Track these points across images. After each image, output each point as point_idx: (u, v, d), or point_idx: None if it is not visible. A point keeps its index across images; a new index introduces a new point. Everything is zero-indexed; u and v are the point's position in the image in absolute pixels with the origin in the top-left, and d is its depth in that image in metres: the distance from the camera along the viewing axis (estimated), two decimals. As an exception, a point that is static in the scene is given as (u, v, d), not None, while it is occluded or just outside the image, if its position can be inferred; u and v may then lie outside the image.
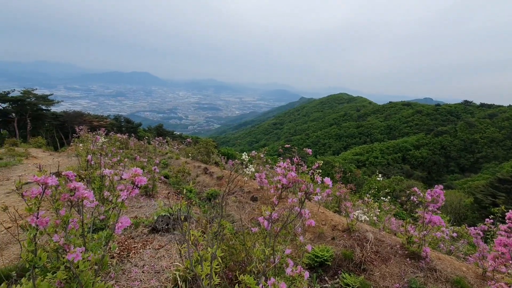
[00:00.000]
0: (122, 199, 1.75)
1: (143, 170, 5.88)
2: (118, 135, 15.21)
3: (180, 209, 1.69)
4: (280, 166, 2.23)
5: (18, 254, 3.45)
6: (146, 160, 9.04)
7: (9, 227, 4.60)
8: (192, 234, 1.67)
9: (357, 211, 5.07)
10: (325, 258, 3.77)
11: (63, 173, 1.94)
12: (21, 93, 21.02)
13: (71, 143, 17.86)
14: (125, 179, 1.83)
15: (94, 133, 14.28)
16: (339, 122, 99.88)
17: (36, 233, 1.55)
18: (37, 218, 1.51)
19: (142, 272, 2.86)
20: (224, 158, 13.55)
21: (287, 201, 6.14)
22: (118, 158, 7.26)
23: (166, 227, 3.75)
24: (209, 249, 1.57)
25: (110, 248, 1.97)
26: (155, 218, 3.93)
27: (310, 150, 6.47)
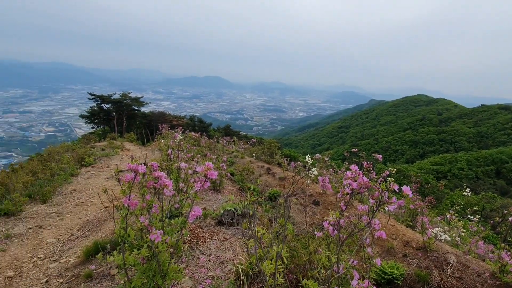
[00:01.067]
0: (196, 190, 1.88)
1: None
2: (192, 133, 16.62)
3: (248, 205, 1.72)
4: (350, 169, 2.08)
5: (112, 230, 4.05)
6: (216, 157, 9.64)
7: (107, 207, 5.46)
8: (258, 231, 1.68)
9: (436, 229, 4.42)
10: (394, 275, 3.38)
11: (148, 164, 2.19)
12: (120, 96, 24.89)
13: (155, 139, 20.36)
14: (199, 172, 1.96)
15: (173, 131, 16.01)
16: (415, 126, 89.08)
17: (127, 213, 1.79)
18: (129, 200, 1.74)
19: (209, 260, 3.03)
20: (286, 159, 13.51)
21: (353, 208, 5.75)
22: (192, 154, 7.94)
23: (231, 221, 3.92)
24: (274, 247, 1.56)
25: (182, 234, 2.15)
26: (221, 211, 4.13)
27: (380, 156, 5.91)
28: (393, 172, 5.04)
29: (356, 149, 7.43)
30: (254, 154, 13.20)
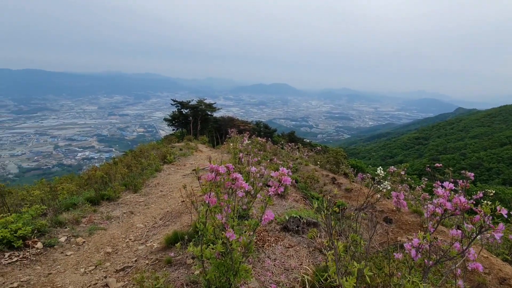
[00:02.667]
0: (270, 194, 1.90)
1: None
2: (259, 138, 17.09)
3: (325, 214, 1.66)
4: (442, 187, 1.81)
5: (188, 222, 4.43)
6: (282, 163, 9.68)
7: (183, 201, 6.02)
8: (332, 242, 1.60)
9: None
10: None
11: (225, 165, 2.32)
12: (196, 102, 27.43)
13: (224, 142, 21.67)
14: (273, 177, 1.98)
15: (241, 135, 16.81)
16: (518, 141, 72.87)
17: (207, 209, 1.93)
18: (209, 197, 1.87)
19: (274, 265, 3.03)
20: (353, 170, 12.70)
21: (438, 232, 5.01)
22: (259, 158, 8.14)
23: (296, 228, 3.85)
24: (355, 263, 1.46)
25: (253, 236, 2.20)
26: (287, 218, 4.10)
27: (472, 174, 5.03)
28: (491, 194, 4.22)
29: (440, 164, 6.49)
30: (318, 162, 12.81)
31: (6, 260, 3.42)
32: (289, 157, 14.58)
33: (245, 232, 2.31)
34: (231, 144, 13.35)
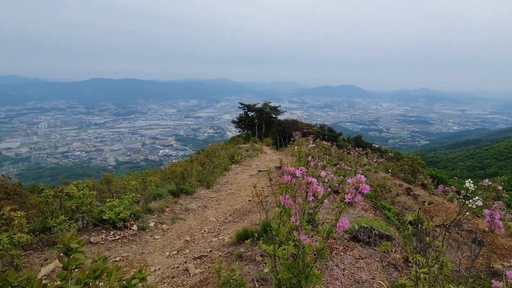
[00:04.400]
0: (345, 202, 1.84)
1: (344, 177, 6.03)
2: (324, 142, 16.55)
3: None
4: None
5: (256, 221, 4.60)
6: (349, 168, 9.19)
7: (250, 200, 6.27)
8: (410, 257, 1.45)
9: None
10: None
11: (299, 168, 2.34)
12: (262, 105, 28.22)
13: (288, 145, 21.70)
14: (349, 184, 1.91)
15: (305, 139, 16.60)
16: None
17: (282, 211, 1.98)
18: (285, 199, 1.92)
19: (343, 275, 2.90)
20: (432, 181, 11.16)
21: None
22: (324, 163, 7.90)
23: (367, 239, 3.60)
24: (451, 287, 1.30)
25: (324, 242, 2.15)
26: (356, 227, 3.88)
27: None
28: None
29: (557, 181, 5.23)
30: (390, 170, 11.68)
31: (111, 237, 4.15)
32: (356, 162, 13.71)
33: (312, 236, 2.28)
34: (296, 147, 13.30)
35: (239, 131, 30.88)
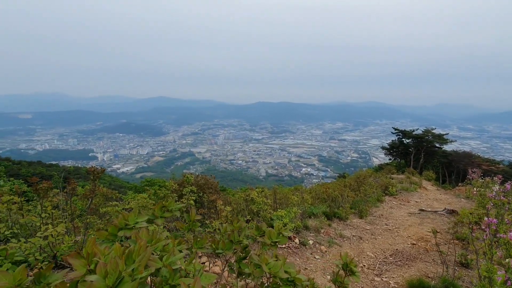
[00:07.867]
0: None
1: None
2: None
3: None
4: None
5: (426, 271, 3.88)
6: None
7: (414, 244, 5.38)
8: None
9: None
10: None
11: (486, 219, 1.82)
12: (422, 131, 23.75)
13: (459, 183, 17.02)
14: None
15: (488, 179, 12.49)
16: None
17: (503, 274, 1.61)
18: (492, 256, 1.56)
19: None
20: None
21: None
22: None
23: None
24: None
25: None
26: None
27: None
28: None
29: None
30: None
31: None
32: None
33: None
34: (475, 188, 10.35)
35: (389, 159, 27.29)
